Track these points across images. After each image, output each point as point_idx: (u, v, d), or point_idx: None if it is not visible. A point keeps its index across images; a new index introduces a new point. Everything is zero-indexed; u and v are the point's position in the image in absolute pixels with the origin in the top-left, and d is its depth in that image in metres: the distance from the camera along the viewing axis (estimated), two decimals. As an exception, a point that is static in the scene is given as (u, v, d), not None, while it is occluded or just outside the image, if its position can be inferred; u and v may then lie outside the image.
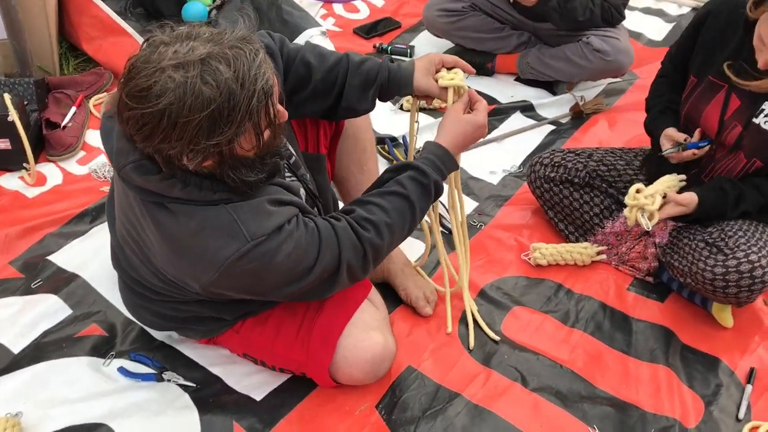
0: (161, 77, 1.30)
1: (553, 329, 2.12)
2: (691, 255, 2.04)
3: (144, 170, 1.46)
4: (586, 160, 2.36)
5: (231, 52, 1.34)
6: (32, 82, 2.74)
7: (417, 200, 1.68)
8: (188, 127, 1.32)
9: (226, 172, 1.45)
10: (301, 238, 1.53)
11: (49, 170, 2.64)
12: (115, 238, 1.81)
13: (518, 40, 3.16)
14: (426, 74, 1.81)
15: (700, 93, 2.09)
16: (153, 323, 1.92)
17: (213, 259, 1.48)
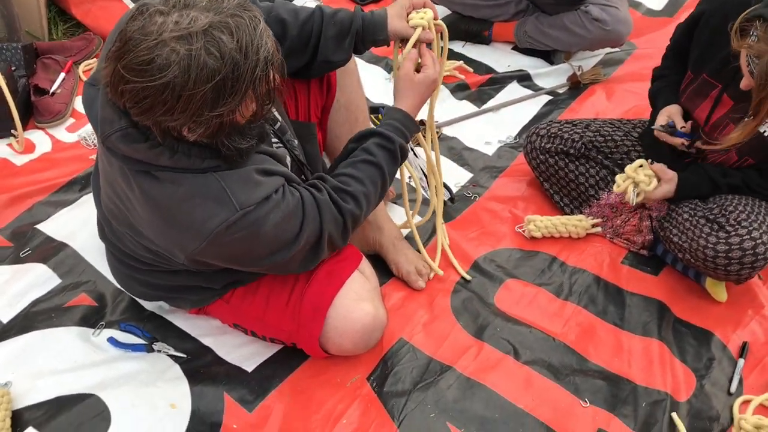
0: (164, 50, 1.27)
1: (546, 302, 2.11)
2: (691, 231, 2.02)
3: (130, 139, 1.44)
4: (583, 130, 2.33)
5: (232, 20, 1.31)
6: (20, 47, 2.69)
7: (386, 165, 1.72)
8: (192, 99, 1.30)
9: (220, 140, 1.44)
10: (287, 208, 1.54)
11: (37, 137, 2.60)
12: (100, 210, 1.79)
13: (516, 8, 3.10)
14: (399, 18, 1.81)
15: (695, 89, 2.07)
16: (142, 293, 1.91)
17: (201, 228, 1.47)
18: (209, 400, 1.82)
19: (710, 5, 2.02)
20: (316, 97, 2.04)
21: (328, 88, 2.05)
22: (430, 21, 1.81)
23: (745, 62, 1.76)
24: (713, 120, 2.03)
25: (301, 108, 2.01)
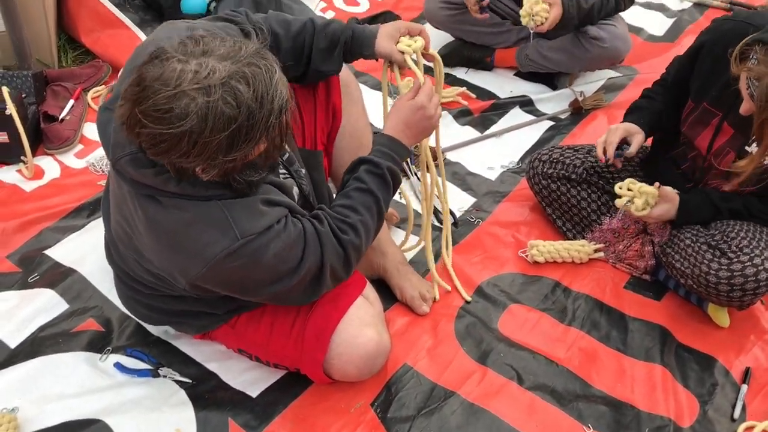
0: (183, 100, 1.30)
1: (549, 327, 2.12)
2: (693, 257, 2.03)
3: (139, 163, 1.47)
4: (585, 156, 2.35)
5: (249, 70, 1.35)
6: (30, 75, 2.73)
7: (378, 191, 1.72)
8: (208, 146, 1.34)
9: (232, 176, 1.47)
10: (288, 239, 1.55)
11: (46, 163, 2.63)
12: (109, 233, 1.82)
13: (518, 36, 3.14)
14: (389, 38, 1.83)
15: (695, 118, 2.09)
16: (147, 317, 1.93)
17: (202, 254, 1.49)
18: (214, 426, 1.83)
19: (711, 35, 2.04)
20: (322, 125, 2.06)
21: (334, 115, 2.08)
22: (417, 49, 1.83)
23: (745, 86, 1.78)
24: (715, 148, 2.05)
25: (307, 135, 2.04)
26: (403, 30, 1.85)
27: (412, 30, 1.86)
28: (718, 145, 2.04)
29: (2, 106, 2.47)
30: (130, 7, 3.31)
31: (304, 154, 1.97)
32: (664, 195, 2.09)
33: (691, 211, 2.10)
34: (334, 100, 2.06)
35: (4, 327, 2.03)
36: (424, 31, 1.87)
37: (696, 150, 2.11)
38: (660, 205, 2.09)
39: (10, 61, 2.96)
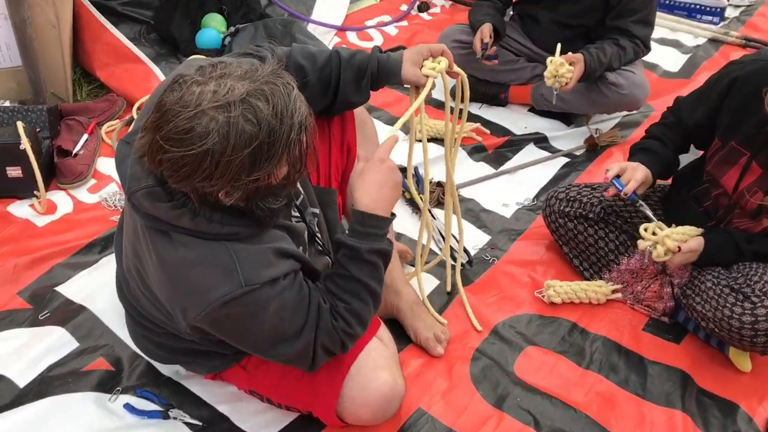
0: (203, 119, 1.30)
1: (566, 370, 2.08)
2: (714, 300, 1.99)
3: (155, 197, 1.46)
4: (602, 194, 2.32)
5: (267, 87, 1.35)
6: (45, 109, 2.74)
7: (362, 275, 1.62)
8: (231, 165, 1.33)
9: (255, 203, 1.46)
10: (291, 299, 1.53)
11: (59, 198, 2.63)
12: (121, 269, 1.80)
13: (532, 72, 3.14)
14: (413, 64, 1.83)
15: (722, 156, 2.06)
16: (158, 356, 1.91)
17: (203, 296, 1.47)
18: (225, 470, 1.79)
19: (742, 72, 2.01)
20: (336, 162, 2.05)
21: (348, 152, 2.07)
22: (442, 71, 1.83)
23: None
24: (741, 187, 2.02)
25: (322, 173, 2.03)
26: (426, 53, 1.85)
27: (434, 51, 1.86)
28: (746, 184, 2.01)
29: (17, 141, 2.47)
30: (146, 42, 3.33)
31: (318, 191, 1.95)
32: (688, 248, 2.03)
33: (714, 253, 2.06)
34: (348, 137, 2.05)
35: (13, 365, 2.01)
36: (446, 50, 1.87)
37: (721, 188, 2.08)
38: (682, 255, 2.04)
39: (25, 95, 2.97)
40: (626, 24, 2.85)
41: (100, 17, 3.16)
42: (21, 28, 2.77)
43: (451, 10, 4.15)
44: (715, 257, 2.07)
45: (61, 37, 2.92)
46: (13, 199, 2.60)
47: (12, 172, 2.52)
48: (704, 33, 3.91)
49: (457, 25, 3.23)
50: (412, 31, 3.87)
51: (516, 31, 3.18)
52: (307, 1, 3.84)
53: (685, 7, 4.09)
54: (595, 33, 2.98)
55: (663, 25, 3.92)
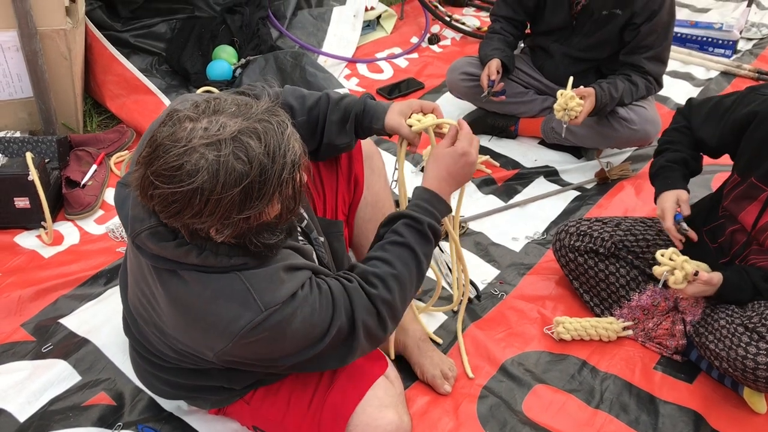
0: (193, 156, 1.29)
1: (576, 410, 2.03)
2: (728, 339, 1.95)
3: (159, 237, 1.44)
4: (613, 229, 2.29)
5: (260, 125, 1.33)
6: (55, 140, 2.75)
7: (417, 245, 1.66)
8: (221, 203, 1.31)
9: (248, 238, 1.44)
10: (315, 302, 1.51)
11: (66, 229, 2.63)
12: (126, 306, 1.78)
13: (542, 105, 3.13)
14: (399, 114, 1.81)
15: (741, 192, 2.04)
16: (162, 392, 1.87)
17: (226, 330, 1.45)
18: None
19: (764, 107, 1.98)
20: (343, 195, 2.04)
21: (356, 185, 2.06)
22: (427, 126, 1.80)
23: None
24: (761, 224, 1.99)
25: (329, 205, 2.02)
26: (416, 107, 1.83)
27: (425, 108, 1.84)
28: (765, 221, 1.97)
29: (25, 172, 2.48)
30: (157, 73, 3.36)
31: (324, 223, 1.94)
32: (707, 278, 1.98)
33: (730, 291, 2.01)
34: (356, 170, 2.04)
35: (14, 399, 1.99)
36: (437, 109, 1.85)
37: (738, 224, 2.05)
38: (699, 285, 2.00)
39: (36, 125, 2.99)
40: (639, 60, 2.84)
41: (111, 49, 3.19)
42: (33, 59, 2.79)
43: (461, 42, 4.17)
44: (731, 295, 2.03)
45: (73, 68, 2.95)
46: (21, 229, 2.60)
47: (20, 203, 2.52)
48: (717, 66, 3.89)
49: (467, 57, 3.23)
50: (422, 63, 3.88)
51: (526, 63, 3.17)
52: (317, 33, 3.86)
53: (697, 40, 4.08)
54: (607, 67, 2.98)
55: (675, 58, 3.91)
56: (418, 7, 4.31)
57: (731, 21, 4.04)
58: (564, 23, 2.95)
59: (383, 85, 3.66)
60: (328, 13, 3.97)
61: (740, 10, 4.24)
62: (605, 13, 2.83)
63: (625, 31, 2.85)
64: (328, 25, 3.91)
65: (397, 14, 4.30)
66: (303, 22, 3.91)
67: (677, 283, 1.99)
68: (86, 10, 3.19)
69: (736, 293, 2.02)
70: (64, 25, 2.83)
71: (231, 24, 3.62)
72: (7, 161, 2.53)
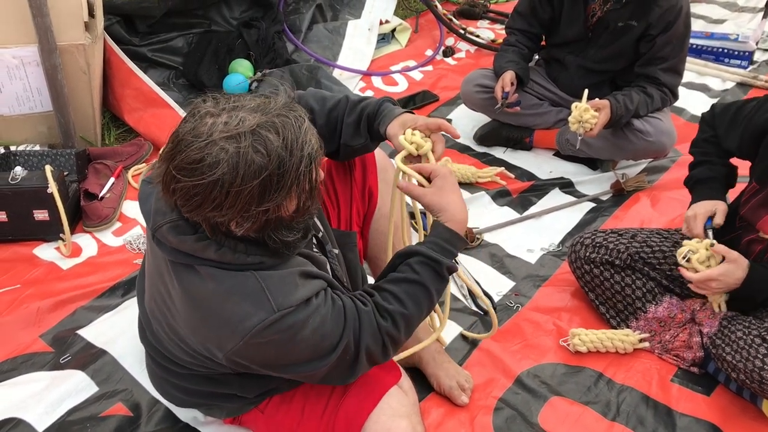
0: (213, 149, 1.32)
1: (592, 422, 2.02)
2: (745, 350, 1.93)
3: (180, 230, 1.47)
4: (629, 241, 2.28)
5: (278, 120, 1.37)
6: (74, 153, 2.79)
7: (431, 284, 1.64)
8: (240, 195, 1.34)
9: (268, 234, 1.46)
10: (327, 314, 1.52)
11: (84, 241, 2.65)
12: (143, 311, 1.80)
13: (557, 117, 3.13)
14: (400, 125, 1.78)
15: (760, 200, 2.03)
16: (178, 399, 1.88)
17: (238, 327, 1.46)
18: None
19: None
20: (358, 206, 2.05)
21: (370, 197, 2.06)
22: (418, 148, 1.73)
23: None
24: None
25: (343, 216, 2.03)
26: (421, 125, 1.78)
27: (431, 126, 1.78)
28: None
29: (44, 185, 2.51)
30: (174, 87, 3.39)
31: (337, 234, 1.95)
32: (732, 259, 1.97)
33: (758, 281, 1.97)
34: (370, 182, 2.05)
35: (33, 410, 2.00)
36: (440, 138, 1.79)
37: (754, 234, 2.04)
38: (724, 265, 1.98)
39: (55, 139, 3.03)
40: (655, 72, 2.83)
41: (129, 63, 3.23)
42: (52, 74, 2.83)
43: (476, 54, 4.18)
44: (757, 286, 1.99)
45: (92, 82, 2.98)
46: (40, 241, 2.63)
47: (39, 215, 2.56)
48: (732, 77, 3.88)
49: (481, 69, 3.24)
50: (437, 76, 3.89)
51: (540, 75, 3.18)
52: (333, 47, 3.89)
53: (713, 51, 4.06)
54: (622, 79, 2.98)
55: (691, 69, 3.89)
56: (432, 20, 4.33)
57: (747, 32, 4.02)
58: (579, 35, 2.96)
59: (398, 97, 3.67)
60: (343, 26, 4.00)
61: (756, 20, 4.22)
62: (621, 25, 2.83)
63: (641, 42, 2.84)
64: (343, 39, 3.94)
65: (411, 27, 4.32)
66: (318, 35, 3.94)
67: (701, 260, 1.99)
68: (105, 25, 3.23)
69: (762, 285, 1.99)
70: (83, 40, 2.87)
71: (247, 38, 3.65)
72: (27, 174, 2.56)
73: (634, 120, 2.86)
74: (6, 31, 2.77)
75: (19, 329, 2.26)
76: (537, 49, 3.21)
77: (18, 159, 2.79)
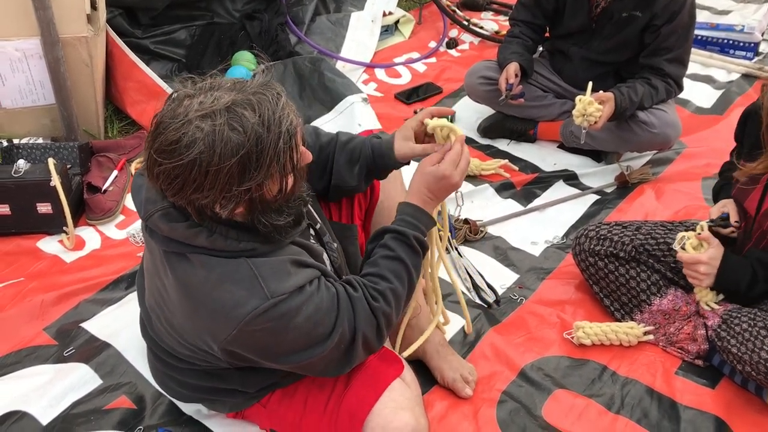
0: (189, 128, 1.32)
1: (596, 415, 2.01)
2: (751, 342, 1.93)
3: (171, 218, 1.48)
4: (634, 233, 2.27)
5: (254, 97, 1.37)
6: (76, 146, 2.78)
7: (406, 257, 1.68)
8: (219, 174, 1.34)
9: (257, 217, 1.46)
10: (321, 302, 1.52)
11: (87, 234, 2.65)
12: (143, 306, 1.81)
13: (561, 109, 3.12)
14: (404, 139, 1.80)
15: (747, 179, 2.03)
16: (179, 394, 1.89)
17: (231, 315, 1.46)
18: None
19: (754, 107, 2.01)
20: (359, 200, 2.05)
21: (372, 190, 2.06)
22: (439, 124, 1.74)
23: None
24: (765, 208, 1.98)
25: (344, 210, 2.03)
26: (416, 124, 1.80)
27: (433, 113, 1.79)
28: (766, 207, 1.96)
29: (47, 178, 2.51)
30: (177, 79, 3.37)
31: (337, 227, 1.96)
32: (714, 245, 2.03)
33: (730, 269, 2.02)
34: (371, 176, 2.04)
35: (37, 403, 2.00)
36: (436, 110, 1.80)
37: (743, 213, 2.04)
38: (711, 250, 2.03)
39: (58, 132, 3.03)
40: (660, 62, 2.81)
41: (132, 55, 3.22)
42: (55, 67, 2.83)
43: (479, 46, 4.16)
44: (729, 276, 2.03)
45: (94, 75, 2.98)
46: (43, 234, 2.63)
47: (42, 209, 2.55)
48: (738, 68, 3.85)
49: (485, 61, 3.22)
50: (441, 68, 3.88)
51: (544, 67, 3.16)
52: (336, 39, 3.88)
53: (718, 43, 4.04)
54: (626, 70, 2.96)
55: (696, 61, 3.87)
56: (436, 12, 4.31)
57: (753, 23, 3.99)
58: (583, 26, 2.94)
59: (401, 89, 3.66)
60: (346, 18, 3.99)
61: (762, 11, 4.19)
62: (625, 15, 2.81)
63: (646, 33, 2.83)
64: (346, 31, 3.92)
65: (415, 19, 4.30)
66: (321, 27, 3.93)
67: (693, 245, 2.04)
68: (107, 17, 3.23)
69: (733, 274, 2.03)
70: (85, 33, 2.86)
71: (250, 30, 3.64)
72: (30, 167, 2.56)
73: (639, 112, 2.84)
74: (8, 24, 2.77)
75: (22, 322, 2.26)
76: (541, 40, 3.19)
77: (21, 152, 2.78)
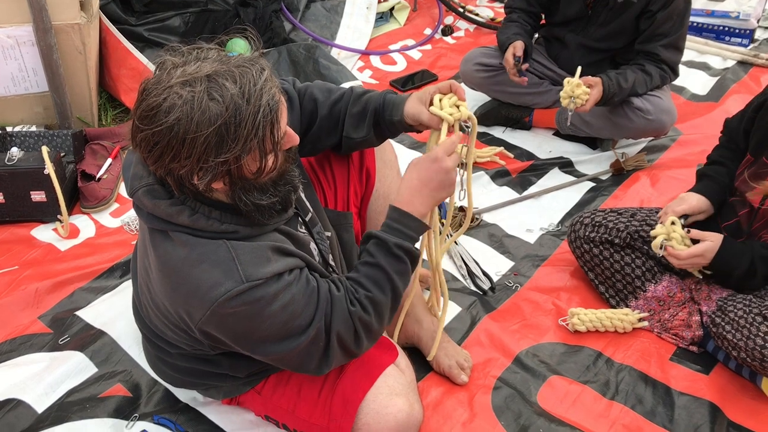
0: (169, 94, 1.32)
1: (591, 401, 2.02)
2: (746, 329, 1.93)
3: (155, 194, 1.47)
4: (629, 220, 2.28)
5: (237, 70, 1.36)
6: (70, 134, 2.77)
7: (387, 265, 1.61)
8: (196, 143, 1.33)
9: (238, 195, 1.46)
10: (299, 293, 1.51)
11: (82, 222, 2.65)
12: (136, 290, 1.81)
13: (557, 96, 3.10)
14: (418, 101, 1.76)
15: (753, 172, 2.03)
16: (173, 379, 1.89)
17: (205, 296, 1.45)
18: (240, 500, 1.76)
19: None
20: (355, 187, 2.04)
21: (368, 177, 2.05)
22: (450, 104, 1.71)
23: None
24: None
25: (339, 198, 2.02)
26: (433, 91, 1.77)
27: (442, 89, 1.77)
28: None
29: (41, 166, 2.50)
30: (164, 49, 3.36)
31: (332, 215, 1.95)
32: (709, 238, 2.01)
33: (728, 254, 2.00)
34: (367, 163, 2.04)
35: (33, 390, 2.00)
36: (453, 84, 1.75)
37: (748, 207, 2.04)
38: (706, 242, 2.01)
39: (52, 120, 3.01)
40: (655, 48, 2.81)
41: (125, 42, 3.20)
42: (48, 54, 2.81)
43: (475, 33, 4.15)
44: (727, 263, 2.01)
45: (87, 62, 2.96)
46: (37, 223, 2.62)
47: (36, 197, 2.54)
48: (733, 55, 3.85)
49: (481, 48, 3.22)
50: (436, 55, 3.87)
51: (541, 54, 3.15)
52: (331, 26, 3.86)
53: (713, 30, 4.04)
54: (622, 57, 2.95)
55: (691, 48, 3.87)
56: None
57: (748, 10, 3.99)
58: (579, 13, 2.93)
59: (397, 77, 3.65)
60: (341, 5, 3.97)
61: (757, -2, 4.19)
62: (621, 2, 2.80)
63: (641, 19, 2.82)
64: (341, 18, 3.91)
65: (410, 6, 4.29)
66: (316, 14, 3.91)
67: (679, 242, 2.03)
68: (100, 4, 3.21)
69: (732, 262, 2.01)
70: (78, 20, 2.84)
71: (244, 17, 3.62)
72: (24, 155, 2.55)
73: (634, 98, 2.84)
74: (0, 10, 2.74)
75: (17, 310, 2.26)
76: (537, 27, 3.18)
77: (14, 140, 2.77)
